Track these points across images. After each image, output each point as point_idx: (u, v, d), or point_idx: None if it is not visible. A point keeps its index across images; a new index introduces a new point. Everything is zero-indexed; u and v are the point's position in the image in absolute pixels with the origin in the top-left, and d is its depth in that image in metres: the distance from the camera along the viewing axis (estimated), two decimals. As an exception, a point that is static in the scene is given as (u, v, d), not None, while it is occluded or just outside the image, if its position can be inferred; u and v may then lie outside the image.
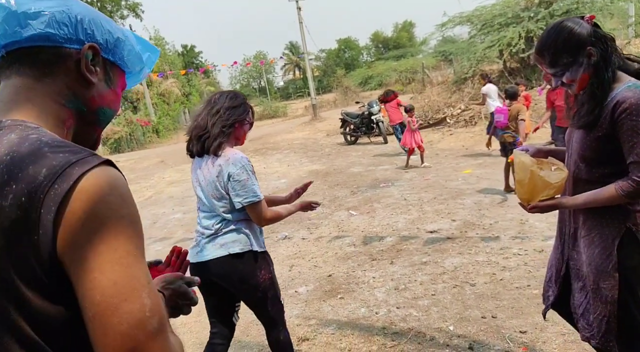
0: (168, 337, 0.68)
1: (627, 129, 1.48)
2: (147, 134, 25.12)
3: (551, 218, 4.68)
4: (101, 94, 0.84)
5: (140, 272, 0.67)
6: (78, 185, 0.65)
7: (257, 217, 2.12)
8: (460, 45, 19.75)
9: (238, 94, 2.24)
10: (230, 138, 2.15)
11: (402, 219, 5.46)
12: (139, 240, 0.69)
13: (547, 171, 1.65)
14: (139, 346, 0.64)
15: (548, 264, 1.99)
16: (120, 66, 0.88)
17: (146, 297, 0.66)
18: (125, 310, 0.63)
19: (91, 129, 0.86)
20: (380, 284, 3.75)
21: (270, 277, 2.21)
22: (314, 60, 51.13)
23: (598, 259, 1.63)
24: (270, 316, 2.26)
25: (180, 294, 0.96)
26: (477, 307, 3.11)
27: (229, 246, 2.11)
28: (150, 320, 0.65)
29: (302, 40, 22.10)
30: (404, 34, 59.11)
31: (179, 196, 9.04)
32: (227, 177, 2.06)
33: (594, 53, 1.55)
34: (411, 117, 8.46)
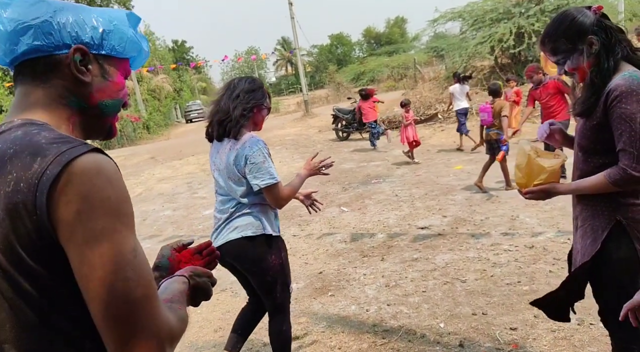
0: (155, 308, 0.75)
1: (617, 116, 1.49)
2: (138, 130, 24.90)
3: (541, 214, 4.70)
4: (99, 88, 0.89)
5: (125, 249, 0.73)
6: (67, 169, 0.72)
7: (275, 198, 2.15)
8: (452, 41, 19.76)
9: (256, 79, 2.30)
10: (249, 122, 2.21)
11: (393, 215, 5.45)
12: (126, 219, 0.75)
13: (543, 158, 1.70)
14: (122, 314, 0.72)
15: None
16: (115, 56, 0.91)
17: (130, 270, 0.73)
18: (109, 282, 0.71)
19: (100, 121, 0.93)
20: (371, 281, 3.73)
21: (280, 263, 2.24)
22: (306, 56, 50.96)
23: (589, 249, 1.65)
24: (276, 303, 2.30)
25: (202, 289, 1.03)
26: (467, 303, 3.10)
27: (242, 229, 2.17)
28: (133, 291, 0.72)
29: (294, 36, 21.98)
30: (396, 29, 59.06)
31: (169, 193, 8.96)
32: (244, 160, 2.10)
33: (595, 42, 1.55)
34: (407, 112, 8.42)
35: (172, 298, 0.90)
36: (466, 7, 14.92)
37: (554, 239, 3.99)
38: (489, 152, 5.96)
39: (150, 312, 0.74)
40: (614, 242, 1.60)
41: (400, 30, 59.35)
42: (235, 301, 3.74)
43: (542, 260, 3.60)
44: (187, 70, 42.40)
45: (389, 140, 10.20)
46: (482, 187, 5.87)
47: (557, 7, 12.48)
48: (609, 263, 1.62)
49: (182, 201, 8.17)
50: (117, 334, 0.72)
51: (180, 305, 0.89)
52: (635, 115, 1.46)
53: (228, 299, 3.79)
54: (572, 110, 1.71)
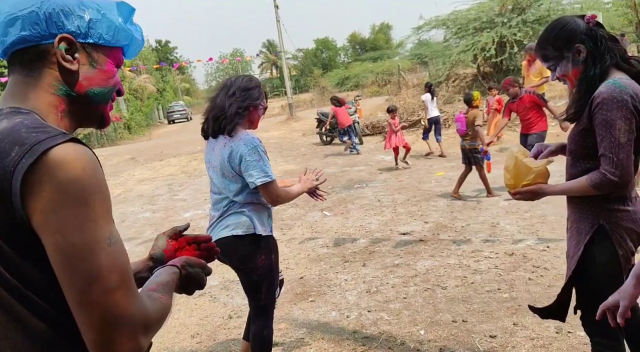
0: (129, 296, 0.76)
1: (599, 122, 1.53)
2: (118, 130, 24.52)
3: (521, 222, 4.75)
4: (87, 76, 0.90)
5: (100, 237, 0.74)
6: (42, 158, 0.72)
7: (270, 197, 2.16)
8: (436, 48, 19.94)
9: (253, 77, 2.31)
10: (245, 120, 2.21)
11: (375, 221, 5.45)
12: (101, 208, 0.76)
13: (530, 159, 1.75)
14: (95, 301, 0.73)
15: None
16: (104, 44, 0.91)
17: (104, 258, 0.74)
18: (82, 269, 0.72)
19: (90, 109, 0.93)
20: (352, 286, 3.71)
21: (269, 264, 2.24)
22: (291, 60, 50.98)
23: (573, 250, 1.71)
24: (260, 305, 2.30)
25: (195, 279, 1.06)
26: (448, 310, 3.10)
27: (233, 227, 2.18)
28: (106, 278, 0.73)
29: (279, 39, 21.95)
30: (381, 36, 59.50)
31: (149, 195, 8.81)
32: (239, 157, 2.10)
33: (582, 50, 1.60)
34: (393, 119, 8.44)
35: (157, 287, 0.91)
36: (450, 15, 15.10)
37: (533, 246, 4.03)
38: (465, 162, 6.01)
39: (124, 300, 0.75)
40: (597, 245, 1.64)
41: (385, 37, 59.81)
42: (213, 306, 3.67)
43: (521, 267, 3.63)
44: (171, 70, 41.98)
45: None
46: (459, 197, 5.92)
47: (539, 18, 12.72)
48: (592, 266, 1.66)
49: (162, 202, 8.04)
50: (90, 320, 0.73)
51: (163, 294, 0.90)
52: (615, 122, 1.50)
53: (206, 304, 3.73)
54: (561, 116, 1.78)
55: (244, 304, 3.64)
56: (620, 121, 1.50)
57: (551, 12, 12.77)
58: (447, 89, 14.57)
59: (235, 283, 4.08)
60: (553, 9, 12.87)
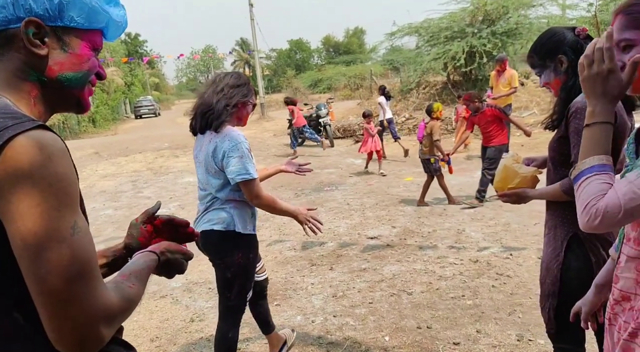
0: (90, 286, 0.75)
1: (572, 130, 1.60)
2: (82, 123, 23.70)
3: (486, 229, 4.84)
4: (58, 61, 0.87)
5: (62, 226, 0.73)
6: (8, 144, 0.71)
7: (249, 195, 2.16)
8: (408, 55, 20.25)
9: (242, 74, 2.32)
10: (233, 117, 2.22)
11: (343, 224, 5.44)
12: (66, 196, 0.75)
13: (520, 164, 1.83)
14: (55, 290, 0.72)
15: None
16: (76, 27, 0.88)
17: (66, 247, 0.72)
18: (43, 258, 0.71)
19: (63, 94, 0.91)
20: (319, 290, 3.67)
21: (245, 264, 2.24)
22: (264, 59, 50.58)
23: (549, 256, 1.77)
24: (229, 304, 2.30)
25: (175, 265, 1.07)
26: (413, 317, 3.11)
27: (213, 222, 2.20)
28: (67, 268, 0.72)
29: (253, 38, 21.78)
30: (355, 40, 59.93)
31: (112, 191, 8.53)
32: (222, 153, 2.11)
33: (564, 61, 1.68)
34: (369, 124, 8.46)
35: (130, 275, 0.90)
36: (423, 23, 15.34)
37: (497, 254, 4.11)
38: (426, 171, 6.09)
39: (85, 290, 0.74)
40: (572, 252, 1.70)
41: (358, 41, 60.27)
42: (174, 309, 3.56)
43: (485, 274, 3.69)
44: (140, 64, 40.97)
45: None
46: (426, 204, 5.99)
47: (507, 30, 13.08)
48: (565, 271, 1.72)
49: (126, 200, 7.80)
50: (49, 310, 0.73)
51: (134, 283, 0.89)
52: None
53: (167, 306, 3.61)
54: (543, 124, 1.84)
55: (207, 307, 3.55)
56: None
57: (519, 26, 13.16)
58: (417, 96, 14.80)
59: (198, 285, 3.97)
60: (521, 22, 13.26)
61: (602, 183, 1.05)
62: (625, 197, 0.97)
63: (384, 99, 10.00)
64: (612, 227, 1.04)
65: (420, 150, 6.16)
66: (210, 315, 3.40)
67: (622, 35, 1.08)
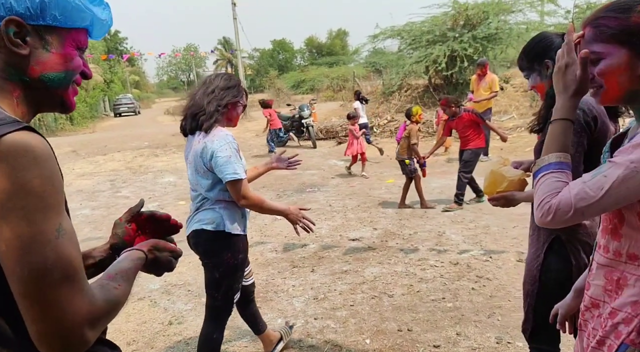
0: (74, 289, 0.75)
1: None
2: (59, 121, 23.16)
3: (466, 232, 4.89)
4: (40, 61, 0.85)
5: (47, 228, 0.73)
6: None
7: (236, 195, 2.17)
8: (390, 57, 20.36)
9: (232, 76, 2.35)
10: (223, 118, 2.25)
11: (325, 226, 5.43)
12: (51, 199, 0.74)
13: (507, 168, 1.85)
14: (38, 293, 0.72)
15: None
16: (59, 26, 0.86)
17: (50, 251, 0.72)
18: (27, 261, 0.71)
19: (47, 94, 0.89)
20: (300, 293, 3.65)
21: (234, 264, 2.25)
22: (247, 59, 50.28)
23: (530, 257, 1.83)
24: (215, 305, 2.31)
25: (163, 263, 1.07)
26: (393, 319, 3.11)
27: (203, 222, 2.22)
28: (50, 272, 0.72)
29: (236, 37, 21.63)
30: (338, 41, 60.04)
31: (89, 190, 8.35)
32: (211, 153, 2.13)
33: (550, 65, 1.71)
34: (353, 125, 8.44)
35: (116, 275, 0.90)
36: (405, 26, 15.44)
37: (477, 256, 4.15)
38: (404, 173, 6.13)
39: (68, 294, 0.74)
40: (554, 254, 1.74)
41: (341, 43, 60.40)
42: (153, 311, 3.50)
43: (465, 277, 3.72)
44: (120, 61, 40.29)
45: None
46: (407, 206, 6.02)
47: (487, 35, 13.27)
48: (545, 272, 1.76)
49: (103, 199, 7.64)
50: (32, 313, 0.73)
51: (120, 283, 0.88)
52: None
53: (145, 309, 3.54)
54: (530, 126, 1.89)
55: (186, 309, 3.50)
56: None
57: (499, 31, 13.37)
58: (399, 98, 14.90)
59: (177, 287, 3.91)
60: (501, 27, 13.47)
61: (557, 181, 1.09)
62: (577, 197, 1.02)
63: (359, 104, 10.15)
64: (564, 224, 1.08)
65: (397, 151, 6.20)
66: (189, 318, 3.35)
67: (590, 47, 1.09)
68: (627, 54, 1.04)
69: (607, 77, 1.07)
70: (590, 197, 1.01)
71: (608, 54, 1.06)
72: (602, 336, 1.12)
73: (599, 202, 1.01)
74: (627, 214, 1.08)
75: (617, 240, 1.12)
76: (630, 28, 1.03)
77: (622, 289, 1.10)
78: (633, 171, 0.98)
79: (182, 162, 11.52)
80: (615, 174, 0.99)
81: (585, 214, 1.04)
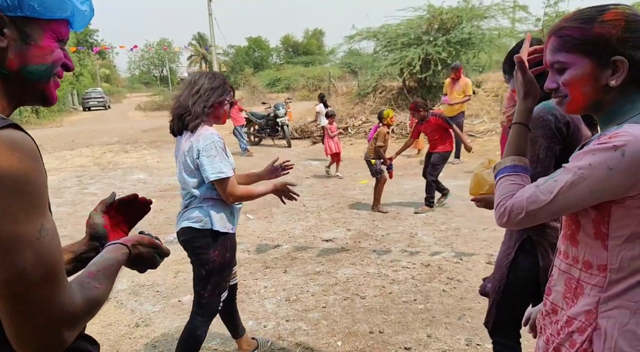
0: (54, 290, 0.75)
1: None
2: (25, 114, 22.33)
3: (437, 233, 4.94)
4: (19, 53, 0.83)
5: (29, 229, 0.72)
6: None
7: (224, 193, 2.21)
8: (366, 59, 20.46)
9: (217, 74, 2.35)
10: (210, 117, 2.28)
11: (299, 226, 5.40)
12: (35, 199, 0.74)
13: (489, 171, 1.87)
14: (18, 294, 0.72)
15: None
16: (38, 17, 0.83)
17: (30, 252, 0.72)
18: (7, 261, 0.70)
19: (27, 87, 0.87)
20: (272, 294, 3.61)
21: (221, 262, 2.28)
22: (222, 55, 49.66)
23: (501, 255, 1.88)
24: (201, 302, 2.33)
25: (147, 258, 1.07)
26: (365, 321, 3.11)
27: (192, 221, 2.26)
28: (30, 272, 0.71)
29: (211, 33, 21.36)
30: (314, 41, 59.99)
31: (55, 186, 8.06)
32: (197, 152, 2.17)
33: None
34: (331, 124, 8.41)
35: (98, 272, 0.90)
36: (381, 28, 15.53)
37: (448, 258, 4.20)
38: (371, 173, 6.14)
39: (48, 295, 0.74)
40: (523, 254, 1.79)
41: (317, 42, 60.38)
42: (119, 313, 3.40)
43: (436, 279, 3.76)
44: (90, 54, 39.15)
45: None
46: (382, 209, 6.05)
47: (461, 40, 13.49)
48: (513, 270, 1.81)
49: (69, 196, 7.40)
50: (12, 314, 0.72)
51: (101, 281, 0.88)
52: (537, 139, 1.64)
53: (111, 310, 3.44)
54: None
55: (154, 311, 3.41)
56: (541, 139, 1.64)
57: (472, 36, 13.61)
58: (374, 100, 14.98)
59: (145, 288, 3.81)
60: (474, 32, 13.72)
61: (512, 184, 1.13)
62: (529, 200, 1.05)
63: (322, 107, 10.21)
64: (519, 225, 1.11)
65: (365, 151, 6.23)
66: (157, 320, 3.27)
67: (555, 57, 1.10)
68: (591, 65, 1.04)
69: (572, 87, 1.08)
70: (541, 200, 1.04)
71: (572, 64, 1.06)
72: (558, 344, 1.13)
73: (548, 205, 1.03)
74: (582, 220, 1.09)
75: (574, 246, 1.13)
76: (593, 39, 1.03)
77: (578, 297, 1.11)
78: (580, 178, 1.00)
79: (153, 159, 11.32)
80: (564, 180, 1.02)
81: (537, 217, 1.06)
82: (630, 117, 1.03)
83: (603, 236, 1.05)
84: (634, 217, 1.00)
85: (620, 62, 1.01)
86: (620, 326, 1.02)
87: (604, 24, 1.02)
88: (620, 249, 1.03)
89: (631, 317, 1.02)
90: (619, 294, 1.04)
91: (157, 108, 28.31)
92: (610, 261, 1.04)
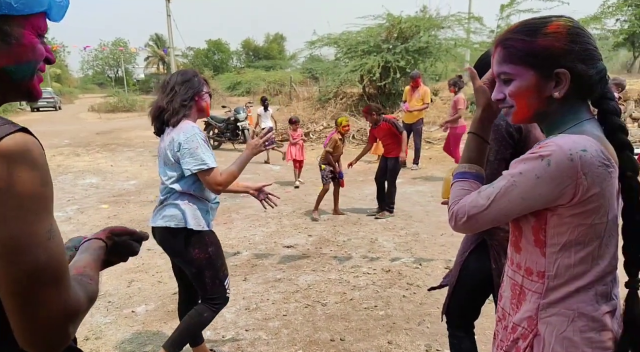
0: (63, 288, 0.77)
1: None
2: (-36, 113, 20.96)
3: (397, 239, 5.00)
4: (1, 53, 0.81)
5: (40, 230, 0.74)
6: None
7: (209, 184, 2.21)
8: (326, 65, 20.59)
9: (187, 70, 2.37)
10: (192, 111, 2.28)
11: (259, 232, 5.32)
12: (45, 201, 0.76)
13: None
14: (30, 292, 0.74)
15: None
16: (16, 14, 0.81)
17: (42, 252, 0.74)
18: (20, 261, 0.72)
19: (12, 85, 0.86)
20: (231, 303, 3.48)
21: (207, 257, 2.29)
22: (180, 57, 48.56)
23: (458, 254, 1.98)
24: (206, 296, 2.37)
25: (124, 246, 1.08)
26: (326, 329, 3.08)
27: (167, 219, 2.26)
28: (42, 272, 0.74)
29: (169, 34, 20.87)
30: (275, 45, 59.87)
31: None
32: (178, 145, 2.17)
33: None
34: (295, 131, 8.27)
35: (85, 269, 0.92)
36: (342, 35, 15.69)
37: (407, 264, 4.25)
38: (323, 181, 6.08)
39: (57, 292, 0.76)
40: (476, 255, 1.87)
41: (278, 47, 60.29)
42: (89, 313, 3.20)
43: (397, 284, 3.79)
44: (39, 52, 37.36)
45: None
46: (340, 212, 6.06)
47: (419, 48, 13.84)
48: (465, 269, 1.91)
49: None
50: (21, 311, 0.74)
51: (92, 277, 0.91)
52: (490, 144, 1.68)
53: (59, 324, 3.24)
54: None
55: (105, 322, 3.25)
56: (492, 142, 1.68)
57: (429, 45, 13.98)
58: (335, 106, 15.09)
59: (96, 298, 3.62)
60: (431, 42, 14.11)
61: (460, 189, 1.16)
62: (470, 205, 1.09)
63: (262, 110, 10.30)
64: (466, 230, 1.13)
65: (319, 156, 6.24)
66: (108, 332, 3.11)
67: (501, 68, 1.12)
68: (535, 76, 1.06)
69: (517, 98, 1.09)
70: (480, 205, 1.07)
71: (517, 75, 1.08)
72: (505, 350, 1.15)
73: (487, 211, 1.06)
74: (524, 227, 1.11)
75: (518, 253, 1.15)
76: (536, 51, 1.04)
77: (521, 303, 1.13)
78: (512, 185, 1.03)
79: (106, 163, 10.89)
80: (499, 186, 1.05)
81: (479, 222, 1.09)
82: (571, 127, 1.06)
83: (541, 243, 1.07)
84: (567, 225, 1.02)
85: (563, 74, 1.03)
86: (558, 333, 1.05)
87: (547, 36, 1.03)
88: (557, 257, 1.05)
89: (568, 324, 1.04)
90: (557, 301, 1.06)
91: (111, 110, 27.29)
92: (547, 268, 1.07)
